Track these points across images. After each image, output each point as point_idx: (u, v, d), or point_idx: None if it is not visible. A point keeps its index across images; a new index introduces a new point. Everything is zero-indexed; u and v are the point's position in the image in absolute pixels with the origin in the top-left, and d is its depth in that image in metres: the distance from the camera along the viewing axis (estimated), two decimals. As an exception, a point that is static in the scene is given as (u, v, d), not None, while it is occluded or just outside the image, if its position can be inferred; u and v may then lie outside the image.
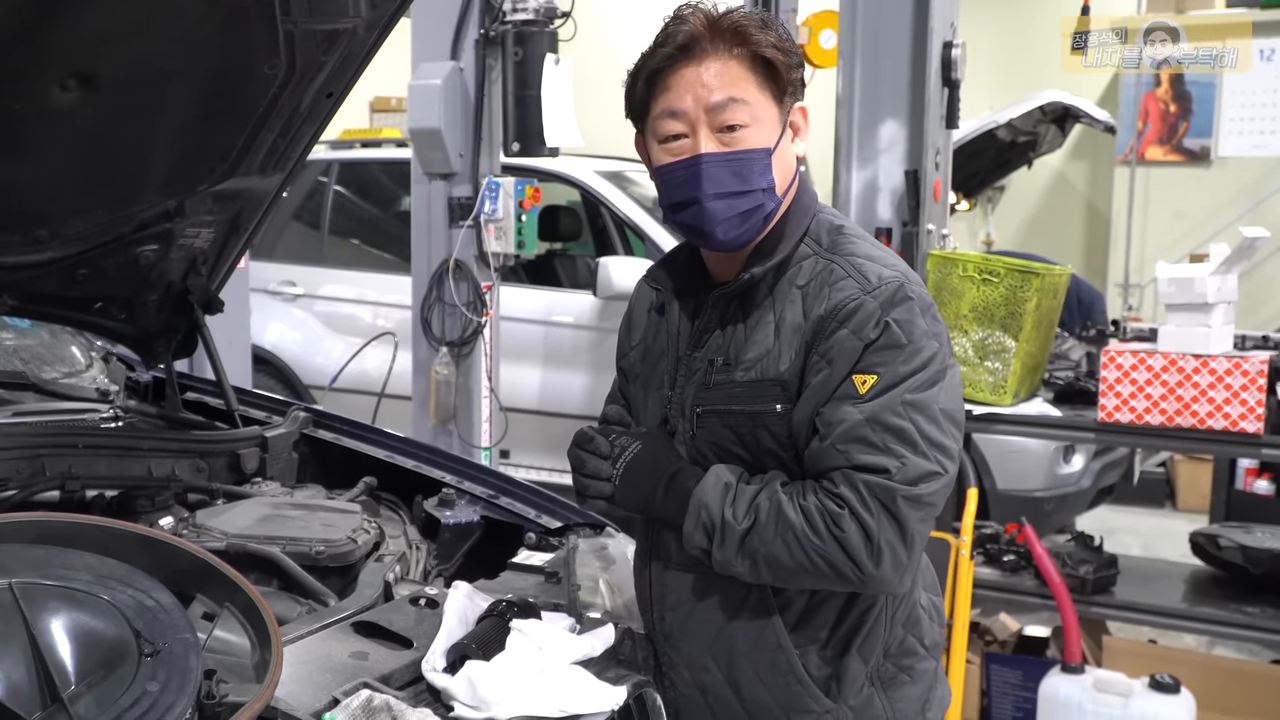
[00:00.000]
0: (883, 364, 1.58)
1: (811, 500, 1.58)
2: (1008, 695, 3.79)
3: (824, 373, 1.61)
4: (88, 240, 2.27)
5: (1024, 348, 3.69)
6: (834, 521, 1.55)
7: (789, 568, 1.59)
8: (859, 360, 1.59)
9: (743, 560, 1.61)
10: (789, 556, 1.58)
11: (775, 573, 1.61)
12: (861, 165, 4.13)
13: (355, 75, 2.19)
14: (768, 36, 1.65)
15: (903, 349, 1.59)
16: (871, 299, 1.60)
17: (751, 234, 1.68)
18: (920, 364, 1.59)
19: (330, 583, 1.92)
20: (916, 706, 1.77)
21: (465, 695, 1.52)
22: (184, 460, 2.35)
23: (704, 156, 1.64)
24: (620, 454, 1.71)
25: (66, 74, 1.86)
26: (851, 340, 1.59)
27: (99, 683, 1.26)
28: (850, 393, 1.58)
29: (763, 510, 1.60)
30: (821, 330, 1.62)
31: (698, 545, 1.64)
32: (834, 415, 1.59)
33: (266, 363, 6.20)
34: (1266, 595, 3.72)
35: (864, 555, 1.55)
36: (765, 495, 1.61)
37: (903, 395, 1.58)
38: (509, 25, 4.54)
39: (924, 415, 1.58)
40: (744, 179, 1.65)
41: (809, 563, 1.57)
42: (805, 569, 1.58)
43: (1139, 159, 8.31)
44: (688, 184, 1.65)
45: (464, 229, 4.71)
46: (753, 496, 1.61)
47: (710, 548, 1.63)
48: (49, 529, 1.47)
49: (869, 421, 1.57)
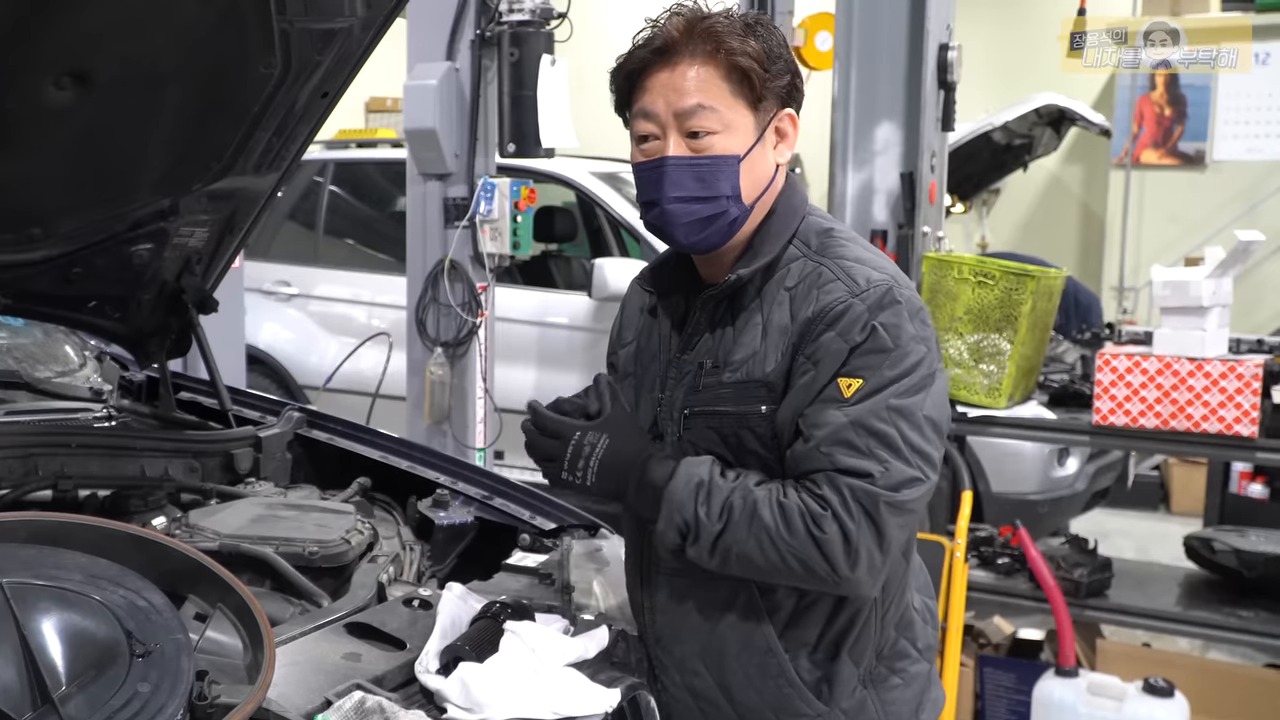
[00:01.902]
0: (868, 368, 1.58)
1: (793, 499, 1.57)
2: (1001, 698, 3.79)
3: (809, 374, 1.60)
4: (82, 239, 2.26)
5: (1019, 350, 3.69)
6: (815, 522, 1.55)
7: (760, 566, 1.59)
8: (844, 363, 1.58)
9: (714, 557, 1.61)
10: (761, 555, 1.58)
11: (745, 569, 1.62)
12: (857, 167, 4.13)
13: (351, 75, 2.19)
14: (745, 44, 1.63)
15: (889, 353, 1.58)
16: (859, 302, 1.60)
17: (715, 239, 1.68)
18: (907, 369, 1.59)
19: (323, 584, 1.91)
20: (910, 709, 1.77)
21: (458, 697, 1.52)
22: (177, 460, 2.34)
23: (668, 160, 1.65)
24: (591, 451, 1.67)
25: (61, 72, 1.85)
26: (838, 343, 1.59)
27: (90, 683, 1.26)
28: (835, 395, 1.58)
29: (736, 510, 1.59)
30: (808, 332, 1.62)
31: (671, 543, 1.64)
32: (818, 417, 1.58)
33: (261, 363, 6.19)
34: (1261, 599, 3.73)
35: (841, 558, 1.55)
36: (739, 494, 1.60)
37: (888, 400, 1.57)
38: (505, 26, 4.54)
39: (908, 421, 1.58)
40: (707, 185, 1.64)
41: (781, 562, 1.57)
42: (777, 568, 1.58)
43: (1134, 162, 8.33)
44: (652, 185, 1.67)
45: (459, 229, 4.71)
46: (726, 495, 1.60)
47: (684, 545, 1.63)
48: (41, 529, 1.47)
49: (853, 425, 1.56)
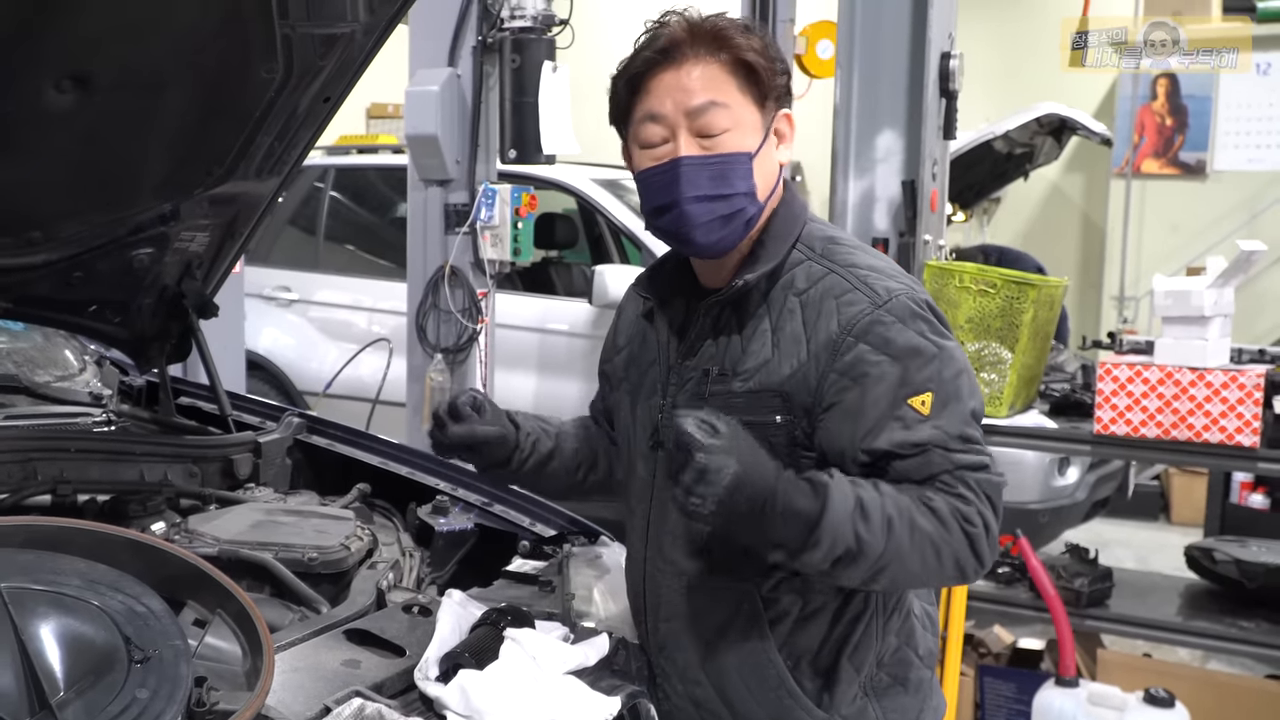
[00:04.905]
0: (930, 380, 1.58)
1: (940, 500, 1.54)
2: (1001, 708, 3.78)
3: (853, 391, 1.58)
4: (82, 243, 2.26)
5: (1020, 359, 3.68)
6: (966, 519, 1.53)
7: (915, 572, 1.55)
8: (903, 382, 1.57)
9: (870, 573, 1.52)
10: (920, 563, 1.53)
11: (895, 579, 1.56)
12: (859, 175, 4.13)
13: (353, 80, 2.19)
14: (750, 41, 1.64)
15: (938, 358, 1.59)
16: (887, 313, 1.60)
17: (732, 239, 1.66)
18: (958, 369, 1.61)
19: (323, 590, 1.90)
20: (911, 716, 1.76)
21: (458, 704, 1.51)
22: (177, 465, 2.34)
23: (683, 160, 1.62)
24: (717, 476, 1.45)
25: (62, 76, 1.85)
26: (886, 363, 1.57)
27: (88, 689, 1.25)
28: (915, 417, 1.56)
29: (895, 523, 1.51)
30: (838, 348, 1.60)
31: (818, 566, 1.51)
32: (905, 438, 1.56)
33: (261, 368, 6.18)
34: (1261, 610, 3.72)
35: (987, 549, 1.55)
36: (891, 505, 1.52)
37: (965, 404, 1.59)
38: (507, 32, 4.54)
39: (976, 419, 1.61)
40: (724, 183, 1.63)
41: (938, 565, 1.54)
42: (932, 571, 1.55)
43: (1135, 172, 8.33)
44: (667, 187, 1.64)
45: (460, 236, 4.71)
46: (881, 511, 1.51)
47: (832, 570, 1.52)
48: (39, 534, 1.46)
49: (946, 435, 1.56)
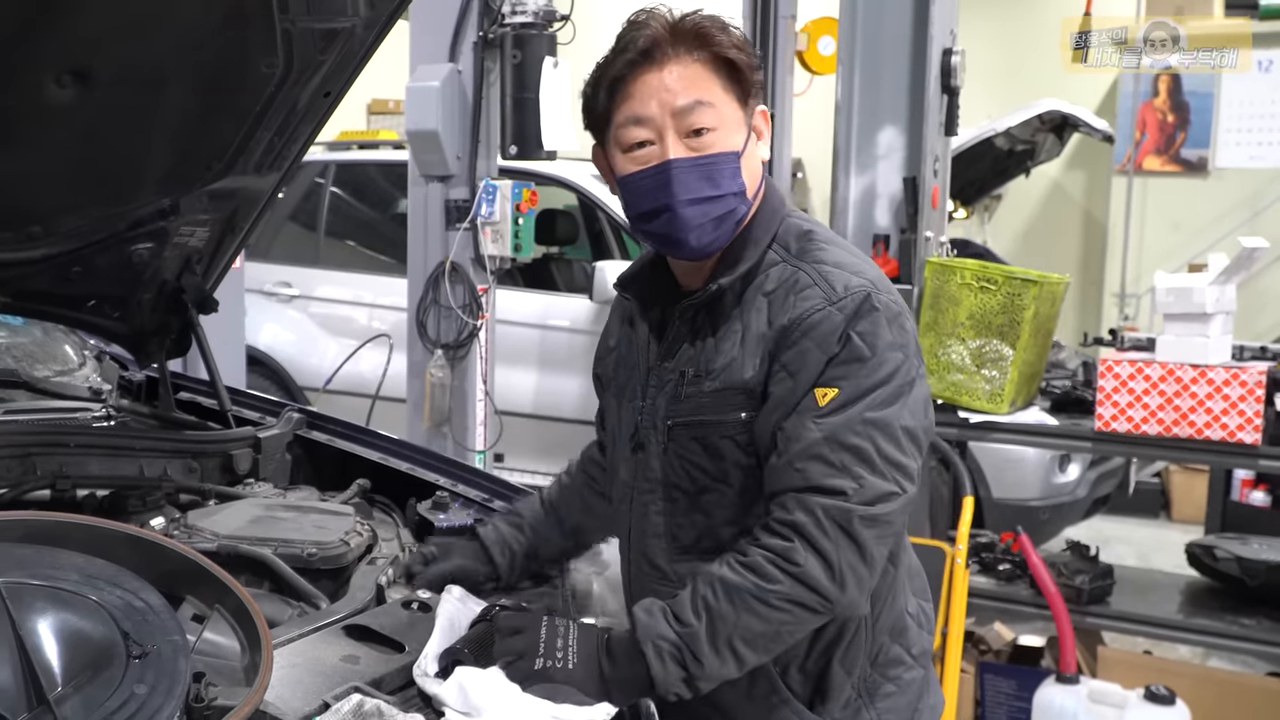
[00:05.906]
0: (844, 377, 1.55)
1: (754, 553, 1.53)
2: (1002, 705, 3.78)
3: (786, 384, 1.58)
4: (82, 237, 2.25)
5: (1021, 356, 3.68)
6: (786, 559, 1.51)
7: (765, 632, 1.53)
8: (821, 373, 1.56)
9: (724, 658, 1.53)
10: (760, 621, 1.52)
11: (758, 647, 1.54)
12: (860, 171, 4.12)
13: (353, 75, 2.18)
14: (730, 38, 1.62)
15: (865, 362, 1.56)
16: (836, 311, 1.57)
17: (724, 239, 1.65)
18: (883, 378, 1.56)
19: (322, 585, 1.90)
20: (905, 716, 1.75)
21: (457, 701, 1.51)
22: (176, 460, 2.33)
23: (673, 162, 1.60)
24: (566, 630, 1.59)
25: (62, 70, 1.84)
26: (815, 354, 1.56)
27: (86, 684, 1.25)
28: (810, 405, 1.55)
29: (709, 599, 1.53)
30: (784, 340, 1.59)
31: (675, 679, 1.53)
32: (794, 431, 1.56)
33: (261, 364, 6.19)
34: (1262, 607, 3.72)
35: (826, 582, 1.51)
36: (701, 584, 1.54)
37: (863, 414, 1.54)
38: (508, 28, 4.54)
39: (884, 434, 1.55)
40: (715, 183, 1.61)
41: (778, 615, 1.52)
42: (783, 622, 1.53)
43: (1136, 169, 8.34)
44: (657, 191, 1.61)
45: (460, 232, 4.71)
46: (690, 594, 1.55)
47: (690, 673, 1.53)
48: (37, 528, 1.46)
49: (827, 440, 1.54)
